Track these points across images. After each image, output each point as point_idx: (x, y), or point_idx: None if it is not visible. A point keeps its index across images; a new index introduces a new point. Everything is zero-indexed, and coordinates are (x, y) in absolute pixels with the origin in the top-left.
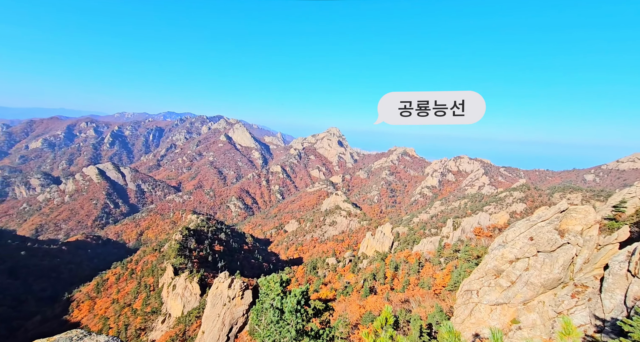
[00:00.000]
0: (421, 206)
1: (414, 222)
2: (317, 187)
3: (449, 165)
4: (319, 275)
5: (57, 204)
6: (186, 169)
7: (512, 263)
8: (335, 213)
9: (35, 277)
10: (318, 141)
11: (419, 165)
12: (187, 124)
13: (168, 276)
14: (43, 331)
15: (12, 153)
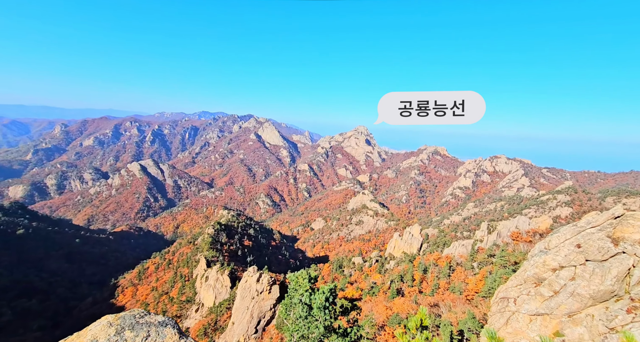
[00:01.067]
0: (453, 207)
1: (444, 224)
2: (344, 185)
3: (484, 166)
4: (344, 274)
5: (105, 197)
6: (218, 166)
7: (555, 271)
8: (362, 212)
9: (88, 262)
10: (345, 140)
11: (450, 165)
12: (220, 123)
13: (201, 268)
14: (94, 312)
15: (69, 150)
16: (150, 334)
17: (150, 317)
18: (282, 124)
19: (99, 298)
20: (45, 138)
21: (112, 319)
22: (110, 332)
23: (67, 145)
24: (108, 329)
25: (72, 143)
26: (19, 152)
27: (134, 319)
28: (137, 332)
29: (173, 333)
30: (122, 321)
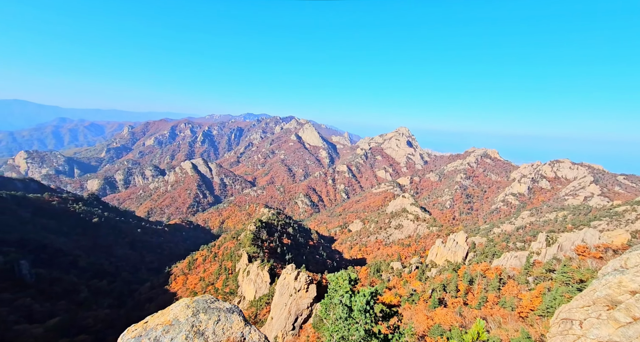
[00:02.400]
0: (504, 215)
1: (494, 232)
2: (383, 188)
3: (542, 171)
4: (382, 278)
5: (162, 192)
6: (260, 166)
7: (634, 294)
8: (402, 216)
9: (147, 251)
10: (385, 141)
11: (502, 169)
12: (263, 124)
13: (243, 262)
14: (151, 296)
15: (134, 149)
16: (220, 318)
17: (219, 304)
18: (321, 125)
19: (155, 283)
20: (115, 138)
21: (188, 301)
22: (188, 313)
23: (132, 144)
24: (186, 310)
25: (136, 143)
26: (96, 151)
27: (206, 304)
28: (210, 316)
29: (239, 320)
30: (197, 304)
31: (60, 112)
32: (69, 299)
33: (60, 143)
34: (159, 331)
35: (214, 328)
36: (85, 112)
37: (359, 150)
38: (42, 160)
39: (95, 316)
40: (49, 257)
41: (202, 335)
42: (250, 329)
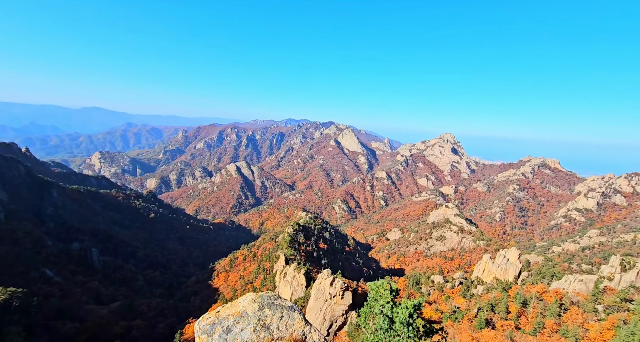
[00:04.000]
0: (566, 232)
1: (553, 251)
2: (424, 196)
3: (617, 184)
4: (422, 292)
5: (209, 192)
6: (299, 170)
7: None
8: (445, 227)
9: (194, 246)
10: (428, 148)
11: (564, 181)
12: (303, 130)
13: (280, 264)
14: (196, 289)
15: (186, 151)
16: (283, 315)
17: (282, 301)
18: (361, 130)
19: (200, 278)
20: (171, 141)
21: (255, 296)
22: (254, 307)
23: (185, 147)
24: (253, 304)
25: (189, 146)
26: (154, 153)
27: (270, 300)
28: (274, 312)
29: (300, 318)
30: (262, 300)
31: (128, 117)
32: (128, 286)
33: (127, 145)
34: (231, 321)
35: (278, 324)
36: (148, 118)
37: (399, 157)
38: (112, 160)
39: (149, 304)
40: (114, 247)
41: (267, 329)
42: (311, 328)
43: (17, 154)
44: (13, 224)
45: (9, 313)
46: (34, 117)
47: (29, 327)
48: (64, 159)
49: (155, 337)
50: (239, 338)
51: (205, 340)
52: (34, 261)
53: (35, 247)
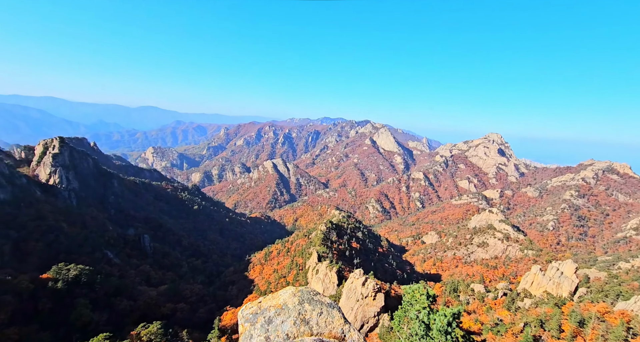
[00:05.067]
0: (637, 247)
1: (620, 267)
2: (465, 200)
3: None
4: (460, 300)
5: (247, 188)
6: (334, 168)
7: None
8: (487, 233)
9: (232, 238)
10: (471, 148)
11: (636, 188)
12: (339, 128)
13: (313, 261)
14: (233, 279)
15: (227, 148)
16: (322, 311)
17: (321, 297)
18: (398, 130)
19: (237, 269)
20: (214, 138)
21: (294, 290)
22: (295, 301)
23: (226, 144)
24: (293, 297)
25: (229, 143)
26: (199, 149)
27: (310, 295)
28: (314, 307)
29: (339, 316)
30: (302, 294)
31: (177, 116)
32: (174, 271)
33: (176, 141)
34: (272, 312)
35: (317, 320)
36: (195, 116)
37: (438, 158)
38: (163, 155)
39: (192, 289)
40: (163, 235)
41: (307, 324)
42: (350, 327)
43: (87, 148)
44: (83, 209)
45: (78, 287)
46: (100, 115)
47: (94, 301)
48: (123, 153)
49: (197, 321)
50: (280, 330)
51: (248, 328)
52: (99, 243)
53: (99, 231)
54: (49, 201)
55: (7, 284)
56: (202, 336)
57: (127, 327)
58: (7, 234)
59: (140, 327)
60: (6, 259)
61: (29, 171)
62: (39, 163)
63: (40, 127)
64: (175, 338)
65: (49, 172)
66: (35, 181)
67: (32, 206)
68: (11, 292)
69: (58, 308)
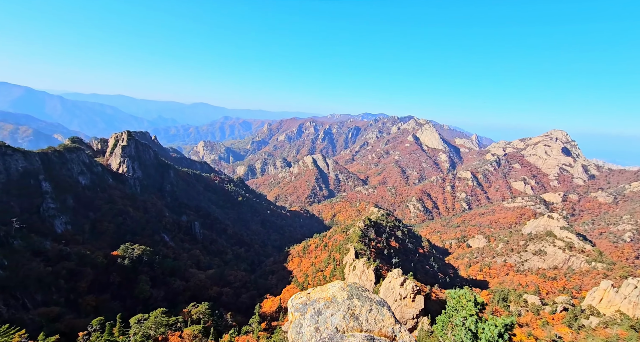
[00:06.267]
0: None
1: None
2: (520, 203)
3: None
4: (510, 310)
5: (287, 182)
6: (374, 165)
7: None
8: (546, 241)
9: (273, 230)
10: (529, 147)
11: None
12: (380, 124)
13: (350, 257)
14: (273, 269)
15: (270, 143)
16: (372, 308)
17: (370, 294)
18: (444, 126)
19: (277, 259)
20: (258, 133)
21: (343, 285)
22: (344, 296)
23: (269, 139)
24: (342, 292)
25: (272, 137)
26: (244, 143)
27: (359, 291)
28: (363, 303)
29: (390, 315)
30: (351, 290)
31: (225, 112)
32: (220, 257)
33: (223, 136)
34: (321, 304)
35: (367, 316)
36: (241, 112)
37: (489, 156)
38: (212, 148)
39: (235, 275)
40: (211, 223)
41: (356, 319)
42: (401, 327)
43: (149, 141)
44: (145, 196)
45: (141, 265)
46: (160, 111)
47: (153, 278)
48: (178, 146)
49: (240, 306)
50: (329, 322)
51: (297, 317)
52: (157, 227)
53: (158, 216)
54: (119, 187)
55: (86, 257)
56: (244, 320)
57: (180, 305)
58: (87, 214)
59: (190, 306)
60: (86, 237)
61: (103, 161)
62: (111, 154)
63: (113, 121)
64: (221, 319)
65: (119, 162)
66: (108, 169)
67: (105, 191)
68: (90, 265)
69: (125, 282)
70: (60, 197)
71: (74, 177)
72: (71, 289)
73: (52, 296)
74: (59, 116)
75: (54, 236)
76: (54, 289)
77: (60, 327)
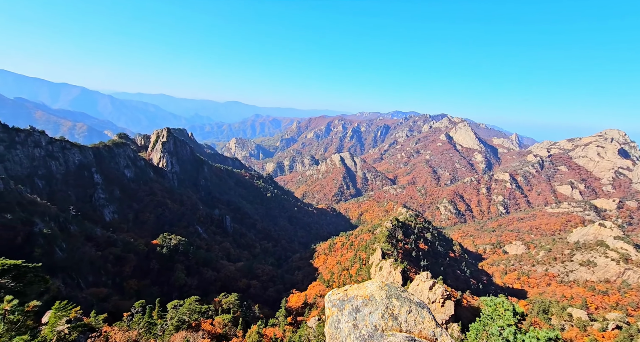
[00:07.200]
0: None
1: None
2: (565, 208)
3: None
4: (552, 324)
5: (315, 179)
6: (403, 165)
7: None
8: (596, 251)
9: (299, 227)
10: (578, 148)
11: None
12: (410, 123)
13: (376, 257)
14: (299, 265)
15: (298, 140)
16: (411, 309)
17: (409, 294)
18: (480, 124)
19: (303, 256)
20: (287, 131)
21: (381, 284)
22: (382, 295)
23: (298, 136)
24: (380, 291)
25: (300, 135)
26: (273, 140)
27: (397, 291)
28: (402, 304)
29: (430, 318)
30: (389, 289)
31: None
32: (248, 251)
33: (254, 133)
34: (359, 302)
35: (406, 317)
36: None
37: (530, 157)
38: (243, 145)
39: (263, 269)
40: (240, 217)
41: (395, 319)
42: (442, 331)
43: (186, 138)
44: (181, 189)
45: (176, 254)
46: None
47: (187, 268)
48: (212, 143)
49: (267, 299)
50: (368, 320)
51: (335, 313)
52: (192, 220)
53: (193, 209)
54: (159, 180)
55: (130, 245)
56: (270, 313)
57: (211, 294)
58: (131, 205)
59: (221, 296)
60: (130, 225)
61: (146, 155)
62: (153, 149)
63: (155, 119)
64: (249, 311)
65: (159, 157)
66: (149, 164)
67: (147, 184)
68: (133, 251)
69: (162, 270)
70: (109, 188)
71: (120, 170)
72: (117, 273)
73: (101, 277)
74: (109, 114)
75: (103, 223)
76: (102, 272)
77: (108, 306)
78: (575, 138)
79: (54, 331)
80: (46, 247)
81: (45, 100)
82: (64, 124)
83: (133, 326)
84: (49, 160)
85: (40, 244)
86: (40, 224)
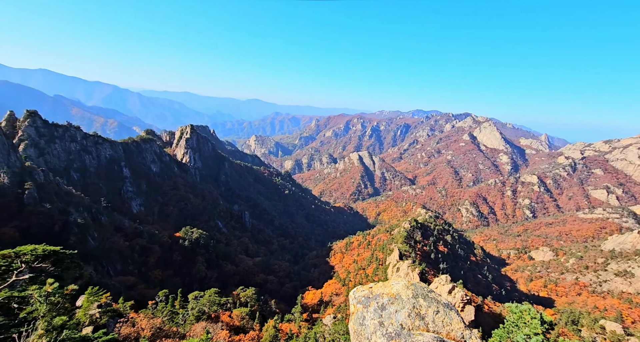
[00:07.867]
0: None
1: None
2: (600, 214)
3: None
4: (582, 336)
5: (332, 178)
6: (423, 165)
7: None
8: (634, 261)
9: (316, 224)
10: (615, 150)
11: None
12: (432, 122)
13: (394, 258)
14: (315, 262)
15: (317, 138)
16: (439, 310)
17: (436, 295)
18: (507, 124)
19: (319, 253)
20: (305, 129)
21: (407, 283)
22: (409, 294)
23: (316, 135)
24: (406, 290)
25: (319, 133)
26: (292, 138)
27: (424, 291)
28: (429, 304)
29: (458, 320)
30: (415, 289)
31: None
32: (266, 246)
33: (273, 130)
34: (385, 300)
35: (434, 317)
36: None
37: (561, 159)
38: (262, 142)
39: (280, 265)
40: (259, 213)
41: (422, 319)
42: (472, 334)
43: (208, 135)
44: (203, 185)
45: (198, 247)
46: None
47: (207, 260)
48: (232, 140)
49: (283, 295)
50: (394, 318)
51: (360, 309)
52: (212, 214)
53: (214, 204)
54: (182, 175)
55: (155, 236)
56: (286, 308)
57: (230, 287)
58: (156, 198)
59: (239, 289)
60: (155, 218)
61: (170, 151)
62: (177, 145)
63: (179, 116)
64: (265, 305)
65: (183, 153)
66: (174, 159)
67: (171, 178)
68: (157, 243)
69: (184, 261)
70: (136, 182)
71: (147, 164)
72: (143, 263)
73: (129, 266)
74: (137, 111)
75: (131, 215)
76: (129, 261)
77: (134, 294)
78: (613, 139)
79: (86, 314)
80: (80, 235)
81: (80, 98)
82: (97, 120)
83: (157, 314)
84: (84, 154)
85: (75, 233)
86: (74, 214)
